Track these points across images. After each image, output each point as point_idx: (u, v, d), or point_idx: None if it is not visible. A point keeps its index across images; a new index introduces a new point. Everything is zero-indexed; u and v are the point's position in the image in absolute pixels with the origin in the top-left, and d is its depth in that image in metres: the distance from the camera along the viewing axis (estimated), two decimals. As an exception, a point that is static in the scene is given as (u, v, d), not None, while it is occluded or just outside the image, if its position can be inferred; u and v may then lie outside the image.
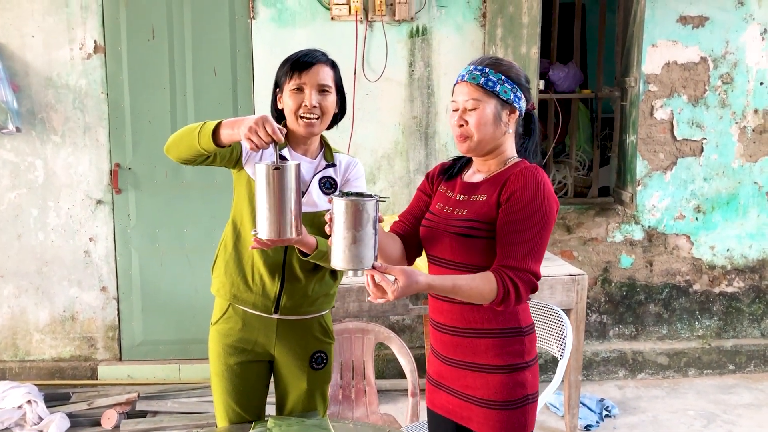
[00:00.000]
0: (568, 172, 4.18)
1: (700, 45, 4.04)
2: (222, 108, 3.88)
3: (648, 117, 4.06)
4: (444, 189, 1.90)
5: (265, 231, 1.76)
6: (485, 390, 1.76)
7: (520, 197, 1.69)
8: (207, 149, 1.88)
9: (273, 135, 1.73)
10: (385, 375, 3.98)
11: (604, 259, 4.18)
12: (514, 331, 1.78)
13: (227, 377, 2.13)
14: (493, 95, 1.76)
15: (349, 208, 1.57)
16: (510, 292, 1.64)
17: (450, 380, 1.84)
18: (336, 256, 1.60)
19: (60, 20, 3.74)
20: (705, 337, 4.28)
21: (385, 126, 3.92)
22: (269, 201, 1.74)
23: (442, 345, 1.85)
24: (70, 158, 3.84)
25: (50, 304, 3.94)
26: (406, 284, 1.57)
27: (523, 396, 1.77)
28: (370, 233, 1.58)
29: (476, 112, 1.76)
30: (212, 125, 1.86)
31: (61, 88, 3.79)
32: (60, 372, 3.95)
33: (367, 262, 1.58)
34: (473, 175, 1.87)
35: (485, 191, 1.78)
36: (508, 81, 1.78)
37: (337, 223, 1.59)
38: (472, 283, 1.63)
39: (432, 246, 1.84)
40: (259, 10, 3.80)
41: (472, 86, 1.77)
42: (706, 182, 4.16)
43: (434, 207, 1.89)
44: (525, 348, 1.79)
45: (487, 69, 1.77)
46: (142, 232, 3.94)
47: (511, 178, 1.74)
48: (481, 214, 1.74)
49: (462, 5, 3.88)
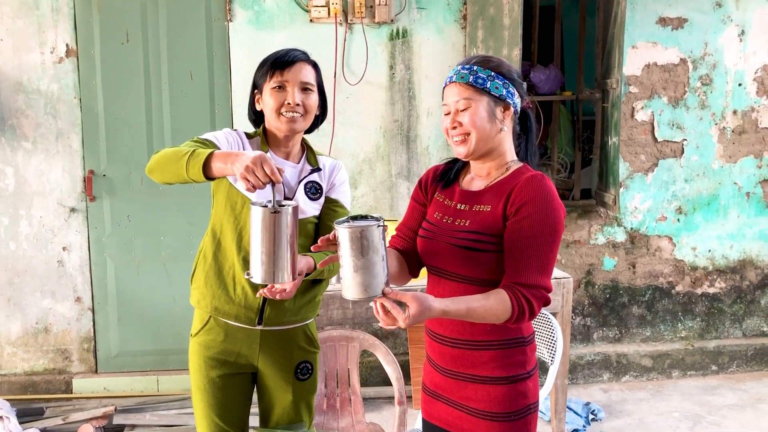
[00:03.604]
0: (550, 175, 4.16)
1: (679, 46, 4.05)
2: (199, 112, 3.80)
3: (629, 119, 4.05)
4: (441, 197, 1.81)
5: (259, 275, 1.67)
6: (487, 402, 1.71)
7: (530, 211, 1.62)
8: (196, 180, 1.77)
9: (271, 176, 1.63)
10: (369, 383, 3.92)
11: (587, 261, 4.17)
12: (516, 341, 1.72)
13: (209, 391, 2.06)
14: (485, 92, 1.69)
15: (352, 236, 1.49)
16: (525, 311, 1.59)
17: (449, 392, 1.78)
18: (344, 286, 1.54)
19: (30, 23, 3.63)
20: (688, 339, 4.28)
21: (366, 130, 3.86)
22: (264, 245, 1.64)
23: (441, 356, 1.78)
24: (42, 165, 3.73)
25: (22, 315, 3.82)
26: (419, 312, 1.49)
27: (525, 406, 1.72)
28: (376, 259, 1.50)
29: (469, 111, 1.69)
30: (203, 156, 1.73)
31: (32, 93, 3.68)
32: (33, 386, 3.83)
33: (376, 289, 1.51)
34: (472, 181, 1.79)
35: (489, 201, 1.70)
36: (498, 77, 1.71)
37: (343, 252, 1.51)
38: (487, 305, 1.57)
39: (432, 257, 1.75)
40: (236, 12, 3.73)
41: (461, 86, 1.70)
42: (687, 183, 4.17)
43: (432, 216, 1.80)
44: (527, 357, 1.74)
45: (475, 67, 1.71)
46: (117, 241, 3.84)
47: (517, 188, 1.66)
48: (486, 227, 1.67)
49: (442, 7, 3.84)
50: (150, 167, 1.88)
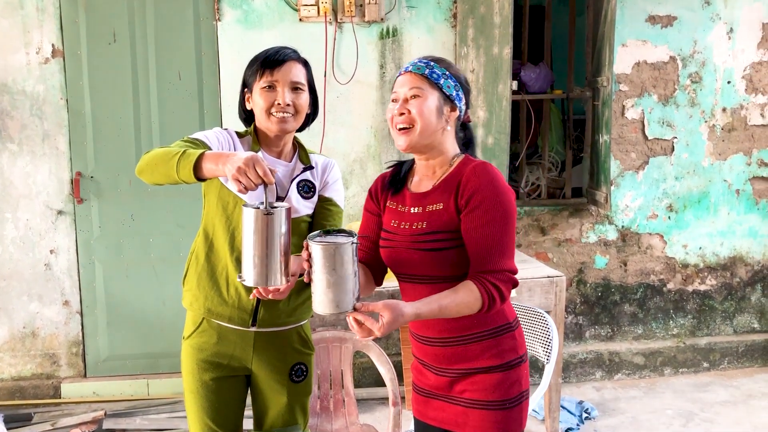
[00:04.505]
0: (541, 174, 4.16)
1: (669, 44, 4.06)
2: (188, 112, 3.75)
3: (619, 117, 4.06)
4: (393, 204, 1.82)
5: (251, 278, 1.65)
6: (482, 391, 1.72)
7: (480, 199, 1.65)
8: (186, 181, 1.73)
9: (264, 177, 1.60)
10: (362, 384, 3.89)
11: (579, 260, 4.16)
12: (502, 328, 1.75)
13: (202, 394, 2.03)
14: (437, 87, 1.73)
15: (324, 252, 1.51)
16: (495, 297, 1.63)
17: (445, 389, 1.79)
18: (315, 300, 1.56)
19: (15, 23, 3.58)
20: (680, 336, 4.29)
21: (357, 129, 3.84)
22: (256, 247, 1.62)
23: (433, 357, 1.78)
24: (27, 167, 3.67)
25: (9, 320, 3.76)
26: (392, 319, 1.53)
27: (519, 393, 1.75)
28: (347, 275, 1.53)
29: (418, 100, 1.71)
30: (193, 157, 1.70)
31: (17, 94, 3.62)
32: (21, 391, 3.77)
33: (347, 305, 1.54)
34: (420, 183, 1.80)
35: (440, 199, 1.72)
36: (451, 77, 1.75)
37: (314, 267, 1.53)
38: (457, 299, 1.60)
39: (399, 265, 1.76)
40: (225, 11, 3.69)
41: (415, 76, 1.73)
42: (678, 181, 4.18)
43: (388, 225, 1.80)
44: (517, 342, 1.77)
45: (431, 63, 1.75)
46: (106, 243, 3.79)
47: (464, 180, 1.69)
48: (443, 224, 1.69)
49: (432, 6, 3.82)
50: (140, 168, 1.84)
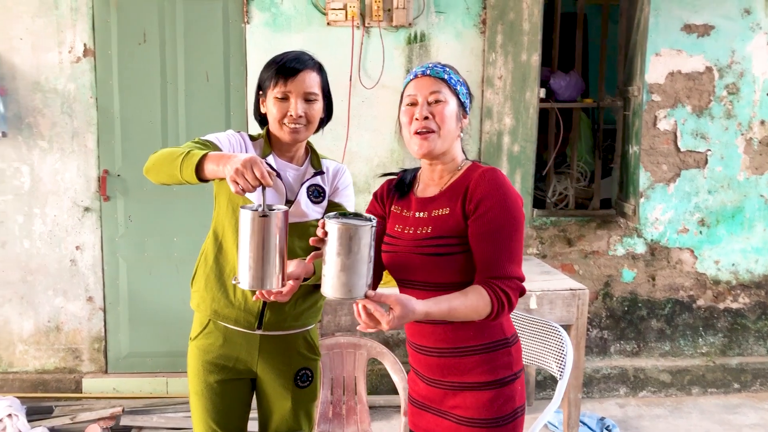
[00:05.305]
0: (569, 183, 4.08)
1: (705, 54, 3.95)
2: (214, 113, 3.78)
3: (651, 127, 3.95)
4: (398, 209, 1.79)
5: (247, 281, 1.63)
6: (475, 409, 1.68)
7: (489, 205, 1.61)
8: (189, 181, 1.74)
9: (261, 179, 1.59)
10: (379, 391, 3.86)
11: (606, 272, 4.07)
12: (500, 343, 1.71)
13: (207, 396, 2.02)
14: (455, 93, 1.70)
15: (341, 233, 1.44)
16: (504, 303, 1.59)
17: (437, 402, 1.75)
18: (326, 283, 1.49)
19: (49, 23, 3.65)
20: (709, 355, 4.16)
21: (381, 134, 3.81)
22: (252, 250, 1.60)
23: (427, 368, 1.75)
24: (57, 164, 3.74)
25: (35, 313, 3.83)
26: (402, 314, 1.47)
27: (513, 410, 1.70)
28: (363, 260, 1.46)
29: (442, 105, 1.67)
30: (196, 157, 1.70)
31: (49, 93, 3.70)
32: (43, 384, 3.83)
33: (359, 290, 1.47)
34: (426, 189, 1.77)
35: (446, 204, 1.68)
36: (463, 84, 1.72)
37: (328, 248, 1.46)
38: (467, 302, 1.56)
39: (400, 270, 1.72)
40: (254, 14, 3.71)
41: (435, 80, 1.68)
42: (711, 195, 4.05)
43: (392, 229, 1.77)
44: (513, 359, 1.72)
45: (447, 68, 1.71)
46: (130, 241, 3.83)
47: (472, 185, 1.65)
48: (448, 229, 1.65)
49: (461, 11, 3.78)
50: (147, 167, 1.85)
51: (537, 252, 3.99)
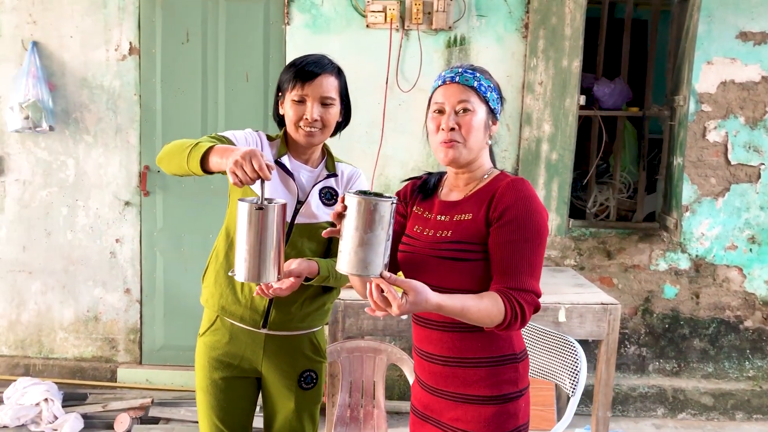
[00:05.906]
0: (611, 194, 3.95)
1: (761, 63, 3.76)
2: (253, 113, 3.82)
3: (700, 139, 3.79)
4: (420, 210, 1.76)
5: (242, 273, 1.63)
6: (476, 423, 1.63)
7: (514, 214, 1.56)
8: (195, 172, 1.77)
9: (259, 171, 1.59)
10: (406, 397, 3.82)
11: (646, 288, 3.92)
12: (508, 358, 1.65)
13: (211, 392, 2.04)
14: (484, 101, 1.64)
15: (361, 207, 1.42)
16: (518, 316, 1.54)
17: (438, 413, 1.70)
18: (342, 259, 1.46)
19: (97, 21, 3.76)
20: (756, 379, 3.95)
21: (417, 138, 3.77)
22: (248, 242, 1.60)
23: (430, 376, 1.71)
24: (100, 159, 3.85)
25: (75, 303, 3.95)
26: (416, 301, 1.43)
27: (515, 428, 1.65)
28: (381, 237, 1.43)
29: (470, 115, 1.62)
30: (203, 149, 1.72)
31: (96, 89, 3.81)
32: (81, 372, 3.95)
33: (375, 268, 1.44)
34: (450, 193, 1.73)
35: (469, 210, 1.64)
36: (494, 89, 1.67)
37: (347, 222, 1.44)
38: (481, 305, 1.51)
39: (415, 271, 1.67)
40: (294, 16, 3.74)
41: (464, 88, 1.64)
42: (763, 211, 3.86)
43: (411, 230, 1.73)
44: (519, 375, 1.66)
45: (477, 73, 1.65)
46: (168, 236, 3.91)
47: (499, 193, 1.60)
48: (469, 235, 1.60)
49: (503, 15, 3.72)
50: (159, 157, 1.88)
51: (575, 263, 3.88)
